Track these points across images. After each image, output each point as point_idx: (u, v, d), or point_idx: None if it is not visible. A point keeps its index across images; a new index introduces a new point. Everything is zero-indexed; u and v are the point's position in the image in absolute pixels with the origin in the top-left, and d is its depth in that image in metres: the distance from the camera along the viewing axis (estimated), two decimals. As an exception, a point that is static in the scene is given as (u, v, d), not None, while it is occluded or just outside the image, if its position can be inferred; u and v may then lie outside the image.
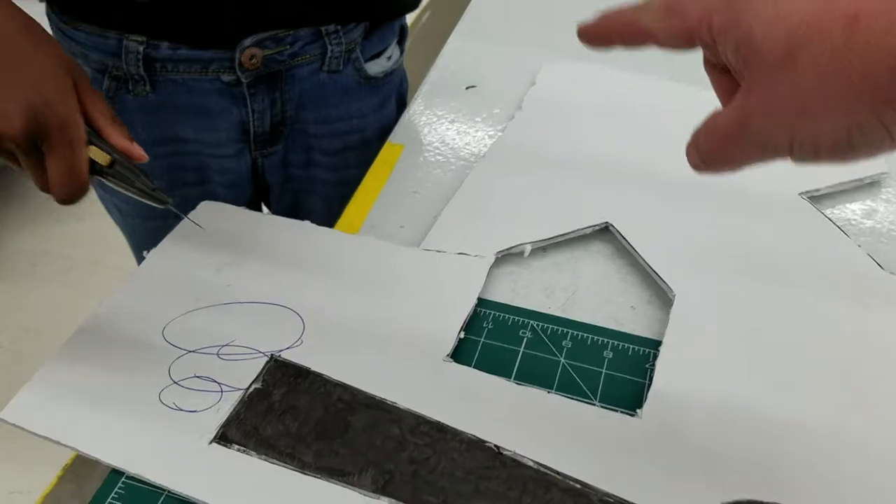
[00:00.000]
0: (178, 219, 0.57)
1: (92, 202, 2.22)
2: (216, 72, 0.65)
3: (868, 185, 0.64)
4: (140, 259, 0.77)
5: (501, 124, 0.71)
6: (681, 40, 0.32)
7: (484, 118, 0.72)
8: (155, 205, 0.48)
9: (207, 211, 0.60)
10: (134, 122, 0.68)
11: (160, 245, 0.57)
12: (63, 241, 1.93)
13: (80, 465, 0.44)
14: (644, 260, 0.55)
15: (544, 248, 0.57)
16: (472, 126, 0.72)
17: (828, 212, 0.60)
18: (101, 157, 0.44)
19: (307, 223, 0.59)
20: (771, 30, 0.28)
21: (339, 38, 0.67)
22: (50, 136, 0.42)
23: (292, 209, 0.79)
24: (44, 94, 0.42)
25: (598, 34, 0.34)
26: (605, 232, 0.59)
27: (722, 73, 0.33)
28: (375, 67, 0.73)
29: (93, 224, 1.97)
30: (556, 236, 0.57)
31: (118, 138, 0.45)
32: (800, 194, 0.61)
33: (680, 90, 0.73)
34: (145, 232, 0.76)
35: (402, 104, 0.80)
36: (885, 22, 0.26)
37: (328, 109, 0.71)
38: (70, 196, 0.44)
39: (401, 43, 0.77)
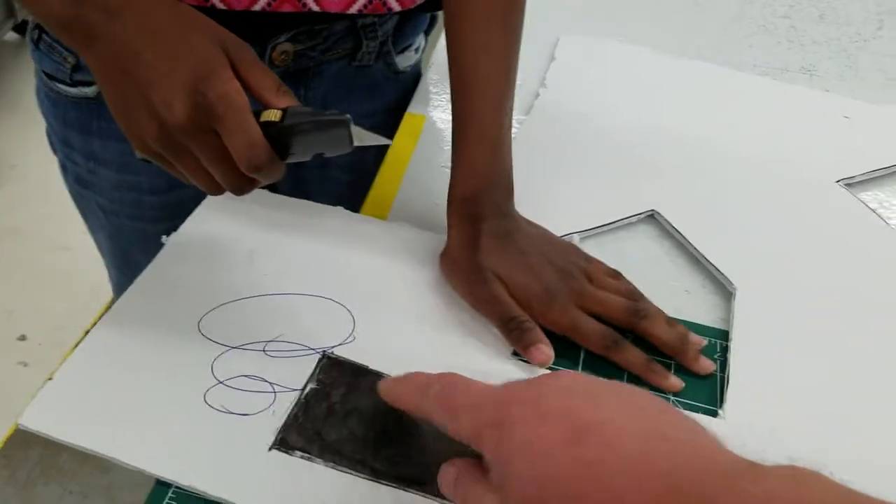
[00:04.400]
0: (170, 221, 0.52)
1: (11, 168, 2.02)
2: None
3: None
4: (130, 257, 0.71)
5: (526, 97, 0.68)
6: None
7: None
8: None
9: (224, 196, 0.55)
10: None
11: (181, 229, 0.52)
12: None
13: (13, 447, 0.40)
14: (697, 250, 0.53)
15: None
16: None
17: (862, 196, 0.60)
18: (274, 114, 0.41)
19: (340, 208, 0.55)
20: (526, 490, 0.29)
21: (374, 30, 0.62)
22: (214, 109, 0.39)
23: None
24: (198, 72, 0.39)
25: (392, 399, 0.37)
26: (650, 220, 0.57)
27: None
28: (404, 61, 0.68)
29: (12, 190, 1.83)
30: (602, 225, 0.55)
31: (282, 103, 0.42)
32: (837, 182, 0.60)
33: (704, 68, 0.71)
34: (133, 234, 0.69)
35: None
36: None
37: (352, 106, 0.66)
38: (257, 160, 0.40)
39: (427, 32, 0.71)
